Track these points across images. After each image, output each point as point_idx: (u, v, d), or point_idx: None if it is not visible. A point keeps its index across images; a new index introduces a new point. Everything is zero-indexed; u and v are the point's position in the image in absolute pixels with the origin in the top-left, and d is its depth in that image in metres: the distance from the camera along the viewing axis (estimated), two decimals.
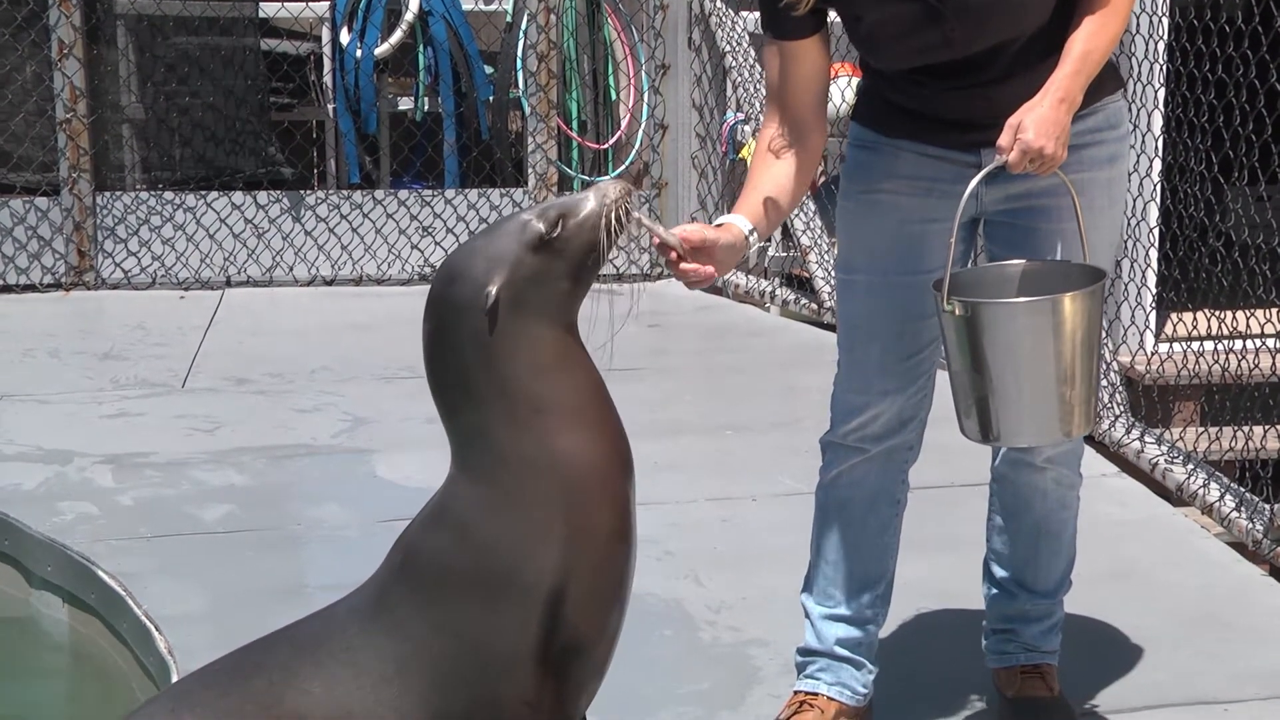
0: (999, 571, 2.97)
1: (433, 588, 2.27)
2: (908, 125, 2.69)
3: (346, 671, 2.27)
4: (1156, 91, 4.93)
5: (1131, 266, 5.09)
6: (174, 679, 3.03)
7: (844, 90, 5.96)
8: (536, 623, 2.23)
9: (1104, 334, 2.60)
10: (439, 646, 2.25)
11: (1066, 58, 2.54)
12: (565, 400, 2.28)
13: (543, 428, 2.26)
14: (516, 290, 2.26)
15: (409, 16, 6.77)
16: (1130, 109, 4.90)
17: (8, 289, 6.34)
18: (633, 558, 2.33)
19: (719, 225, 2.57)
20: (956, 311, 2.47)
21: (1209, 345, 4.67)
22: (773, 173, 2.64)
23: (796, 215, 6.03)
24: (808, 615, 2.91)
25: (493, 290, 2.24)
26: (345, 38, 6.76)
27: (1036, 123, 2.48)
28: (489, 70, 6.96)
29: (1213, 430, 4.56)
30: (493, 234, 2.31)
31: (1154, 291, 5.20)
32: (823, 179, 6.33)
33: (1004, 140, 2.51)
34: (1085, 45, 2.54)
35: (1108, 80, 2.73)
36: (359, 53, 6.75)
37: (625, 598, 2.33)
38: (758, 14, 2.70)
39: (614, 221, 2.31)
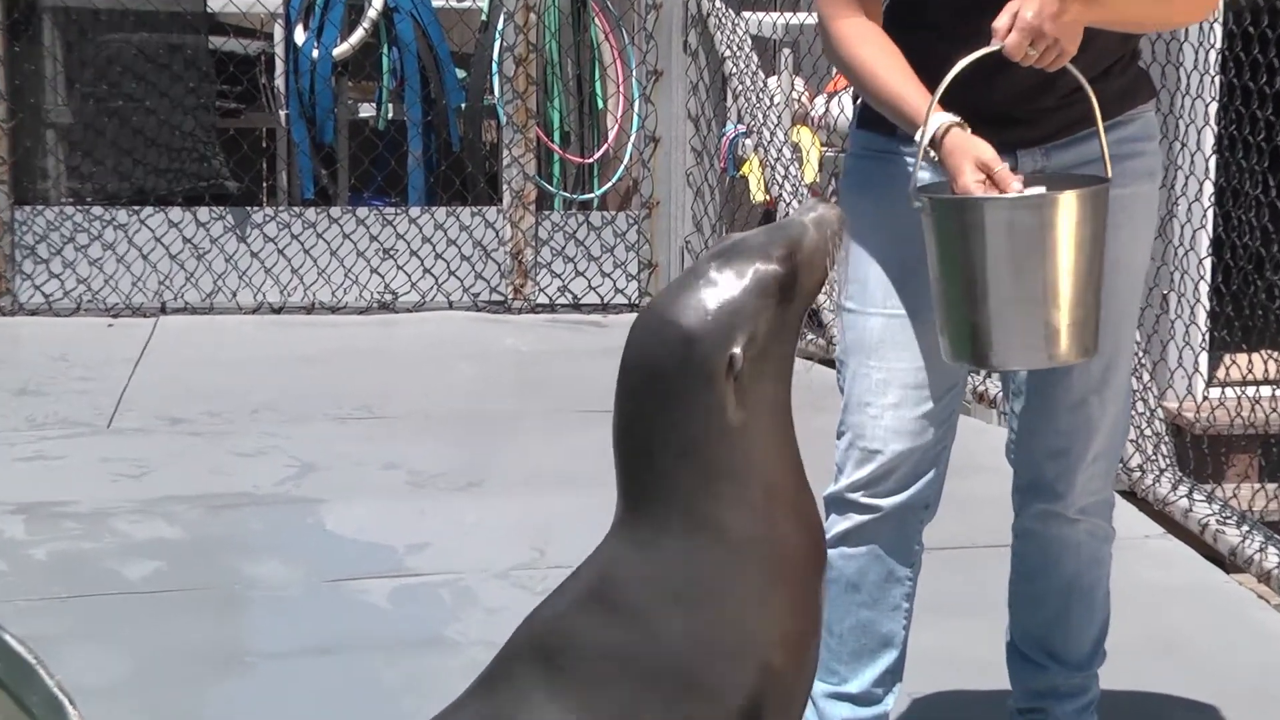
0: (1025, 640, 2.97)
1: (595, 686, 2.16)
2: None
3: None
4: (1208, 106, 4.96)
5: (1179, 301, 5.11)
6: None
7: (845, 105, 5.99)
8: None
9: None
10: None
11: None
12: (789, 480, 2.23)
13: (773, 513, 2.20)
14: (759, 349, 2.18)
15: (372, 13, 6.81)
16: (1179, 125, 4.95)
17: None
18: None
19: (956, 129, 2.52)
20: (934, 210, 2.47)
21: (1266, 390, 4.69)
22: (899, 57, 2.61)
23: None
24: (809, 693, 2.90)
25: (738, 351, 2.16)
26: (300, 36, 6.79)
27: (1038, 2, 2.45)
28: (461, 74, 6.98)
29: (1271, 486, 4.57)
30: (711, 281, 2.18)
31: (1204, 330, 5.21)
32: (833, 199, 6.34)
33: (1000, 21, 2.48)
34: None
35: (1142, 87, 2.75)
36: (315, 53, 6.77)
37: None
38: (761, 15, 2.71)
39: (835, 255, 2.24)
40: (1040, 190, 2.51)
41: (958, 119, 2.54)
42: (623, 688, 2.16)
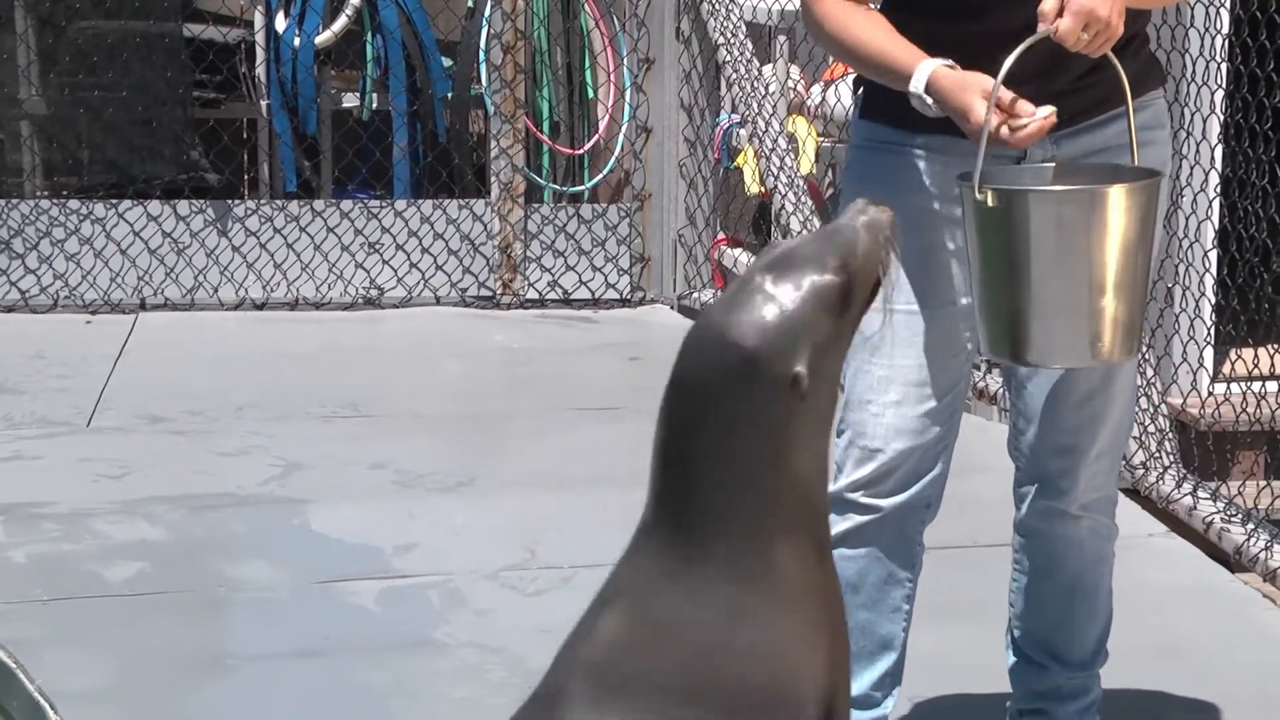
0: (1027, 640, 3.00)
1: (660, 712, 2.12)
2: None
3: None
4: (1214, 94, 4.97)
5: (1184, 295, 5.13)
6: None
7: (843, 94, 6.00)
8: None
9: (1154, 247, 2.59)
10: None
11: None
12: (826, 486, 2.26)
13: (821, 529, 2.23)
14: (819, 365, 2.15)
15: (355, 0, 6.82)
16: (1184, 113, 4.97)
17: None
18: None
19: (946, 69, 2.51)
20: (990, 202, 2.44)
21: (1272, 386, 4.71)
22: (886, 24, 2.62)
23: (799, 233, 6.08)
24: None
25: (803, 370, 2.13)
26: (281, 24, 6.80)
27: None
28: (447, 63, 7.00)
29: (1277, 484, 4.60)
30: (769, 296, 2.15)
31: (1209, 324, 5.23)
32: (830, 191, 6.37)
33: (1047, 4, 2.46)
34: None
35: (1153, 72, 2.78)
36: (297, 41, 6.79)
37: None
38: (755, 0, 2.70)
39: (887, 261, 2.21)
40: (1088, 187, 2.48)
41: (946, 61, 2.53)
42: (687, 713, 2.13)
